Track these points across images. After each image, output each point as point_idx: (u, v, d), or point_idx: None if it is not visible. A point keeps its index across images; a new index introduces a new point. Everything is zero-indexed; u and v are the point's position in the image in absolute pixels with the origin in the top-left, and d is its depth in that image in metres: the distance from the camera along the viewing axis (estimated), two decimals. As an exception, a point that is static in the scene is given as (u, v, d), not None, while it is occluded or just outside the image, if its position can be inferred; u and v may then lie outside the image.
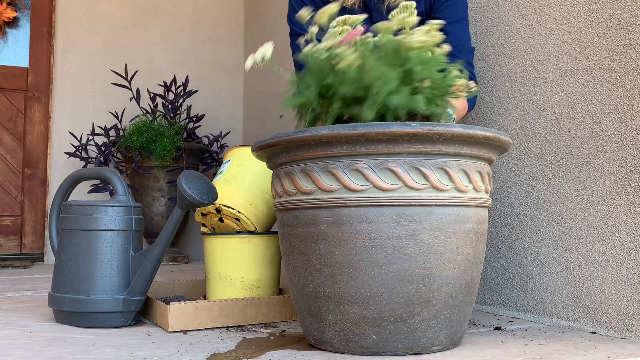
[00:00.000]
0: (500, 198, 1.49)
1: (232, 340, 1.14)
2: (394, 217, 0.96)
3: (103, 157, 2.75)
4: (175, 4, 3.32)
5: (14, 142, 2.99)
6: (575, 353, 1.04)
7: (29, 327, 1.25)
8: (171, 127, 2.76)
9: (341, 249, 0.98)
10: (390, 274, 0.96)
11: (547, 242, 1.36)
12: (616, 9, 1.23)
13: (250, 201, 1.43)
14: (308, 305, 1.05)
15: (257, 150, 1.09)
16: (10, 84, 3.00)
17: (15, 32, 3.05)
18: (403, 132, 0.93)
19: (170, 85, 2.88)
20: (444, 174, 0.98)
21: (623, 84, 1.21)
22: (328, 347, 1.03)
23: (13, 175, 2.98)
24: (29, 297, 1.68)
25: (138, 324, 1.30)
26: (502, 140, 1.03)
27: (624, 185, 1.20)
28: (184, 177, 1.23)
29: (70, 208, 1.30)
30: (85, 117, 3.09)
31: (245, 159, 1.49)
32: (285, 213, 1.07)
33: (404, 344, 0.99)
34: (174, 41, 3.30)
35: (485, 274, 1.52)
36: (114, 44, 3.18)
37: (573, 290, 1.29)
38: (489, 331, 1.24)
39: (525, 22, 1.45)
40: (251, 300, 1.31)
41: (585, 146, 1.28)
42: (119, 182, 1.32)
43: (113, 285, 1.25)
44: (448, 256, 0.99)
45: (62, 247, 1.29)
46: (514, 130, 1.46)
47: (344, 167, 0.97)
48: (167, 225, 1.27)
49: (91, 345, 1.08)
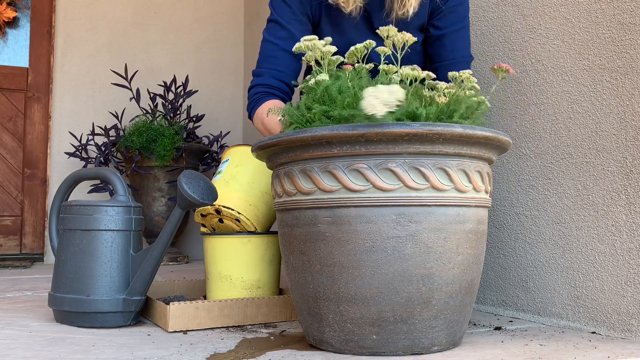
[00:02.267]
0: (500, 198, 1.49)
1: (232, 340, 1.14)
2: (394, 217, 0.96)
3: (103, 157, 2.75)
4: (175, 4, 3.32)
5: (14, 142, 2.99)
6: (575, 353, 1.04)
7: (29, 327, 1.25)
8: (171, 127, 2.76)
9: (341, 249, 0.98)
10: (390, 274, 0.96)
11: (547, 242, 1.36)
12: (616, 9, 1.23)
13: (250, 202, 1.43)
14: (308, 305, 1.05)
15: (257, 150, 1.09)
16: (10, 84, 3.00)
17: (15, 32, 3.05)
18: (403, 132, 0.93)
19: (170, 85, 2.88)
20: (444, 174, 0.98)
21: (623, 84, 1.21)
22: (328, 347, 1.03)
23: (13, 175, 2.98)
24: (29, 297, 1.68)
25: (138, 324, 1.30)
26: (502, 140, 1.03)
27: (624, 185, 1.20)
28: (184, 177, 1.23)
29: (70, 208, 1.30)
30: (85, 117, 3.09)
31: (244, 159, 1.49)
32: (285, 213, 1.07)
33: (404, 344, 0.99)
34: (174, 41, 3.30)
35: (485, 274, 1.52)
36: (114, 44, 3.18)
37: (573, 290, 1.29)
38: (489, 331, 1.24)
39: (525, 22, 1.45)
40: (251, 300, 1.31)
41: (585, 146, 1.28)
42: (119, 182, 1.32)
43: (113, 285, 1.25)
44: (448, 256, 0.99)
45: (62, 247, 1.29)
46: (514, 130, 1.46)
47: (344, 167, 0.97)
48: (167, 225, 1.27)
49: (91, 345, 1.08)
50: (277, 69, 1.37)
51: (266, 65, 1.38)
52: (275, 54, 1.37)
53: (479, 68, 1.57)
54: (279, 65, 1.37)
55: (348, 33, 1.44)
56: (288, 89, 1.39)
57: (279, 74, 1.37)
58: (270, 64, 1.37)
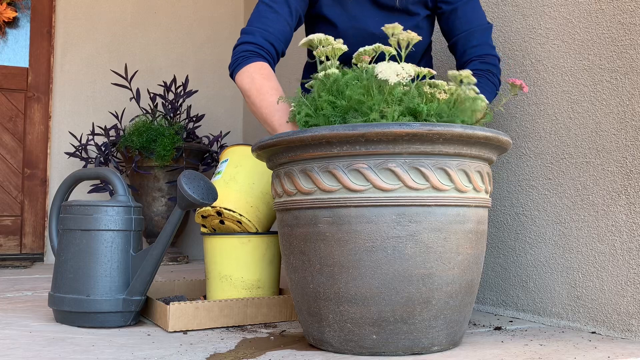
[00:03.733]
0: (500, 198, 1.49)
1: (232, 340, 1.14)
2: (394, 217, 0.96)
3: (103, 157, 2.75)
4: (175, 4, 3.32)
5: (14, 142, 2.99)
6: (575, 353, 1.04)
7: (29, 327, 1.25)
8: (171, 127, 2.76)
9: (341, 249, 0.98)
10: (390, 274, 0.96)
11: (547, 242, 1.36)
12: (616, 9, 1.23)
13: (251, 203, 1.43)
14: (308, 305, 1.05)
15: (257, 150, 1.09)
16: (10, 84, 3.00)
17: (15, 32, 3.05)
18: (403, 132, 0.93)
19: (170, 85, 2.88)
20: (444, 174, 0.98)
21: (623, 84, 1.21)
22: (328, 347, 1.03)
23: (13, 175, 2.98)
24: (29, 297, 1.68)
25: (138, 324, 1.30)
26: (502, 141, 1.03)
27: (624, 185, 1.20)
28: (184, 177, 1.23)
29: (70, 208, 1.30)
30: (85, 117, 3.09)
31: (243, 159, 1.49)
32: (285, 213, 1.07)
33: (404, 344, 0.99)
34: (174, 41, 3.30)
35: (485, 274, 1.52)
36: (114, 44, 3.18)
37: (573, 290, 1.29)
38: (489, 331, 1.24)
39: (525, 22, 1.45)
40: (251, 300, 1.31)
41: (585, 146, 1.28)
42: (119, 182, 1.32)
43: (113, 285, 1.25)
44: (448, 256, 0.99)
45: (62, 247, 1.29)
46: (514, 130, 1.46)
47: (344, 167, 0.97)
48: (167, 226, 1.27)
49: (91, 345, 1.08)
50: (269, 30, 1.34)
51: (258, 25, 1.35)
52: (268, 16, 1.35)
53: (479, 68, 1.57)
54: (270, 27, 1.34)
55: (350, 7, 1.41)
56: (275, 53, 1.36)
57: (270, 35, 1.34)
58: (263, 24, 1.35)
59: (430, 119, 0.99)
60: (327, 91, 1.04)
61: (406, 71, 0.98)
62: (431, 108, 0.99)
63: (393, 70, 0.97)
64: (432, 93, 1.02)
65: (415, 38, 1.08)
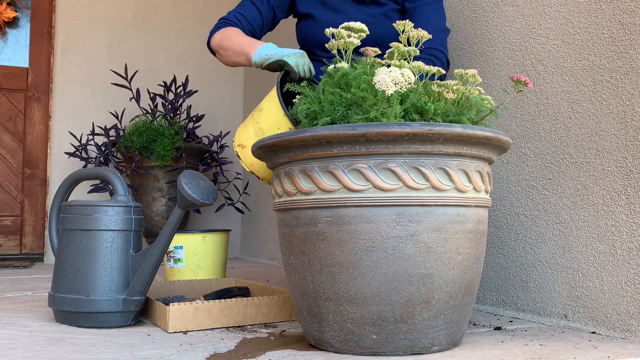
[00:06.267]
0: (500, 198, 1.49)
1: (232, 340, 1.14)
2: (394, 217, 0.96)
3: (103, 157, 2.75)
4: (175, 4, 3.32)
5: (14, 142, 2.99)
6: (575, 353, 1.04)
7: (29, 327, 1.25)
8: (171, 127, 2.76)
9: (341, 249, 0.98)
10: (390, 274, 0.96)
11: (547, 242, 1.36)
12: (616, 9, 1.23)
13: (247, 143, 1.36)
14: (308, 305, 1.05)
15: (257, 150, 1.09)
16: (10, 84, 3.00)
17: (15, 32, 3.05)
18: (403, 132, 0.93)
19: (170, 85, 2.88)
20: (444, 174, 0.98)
21: (623, 84, 1.21)
22: (328, 347, 1.03)
23: (13, 175, 2.98)
24: (29, 297, 1.68)
25: (138, 324, 1.30)
26: (502, 140, 1.03)
27: (624, 185, 1.20)
28: (184, 177, 1.23)
29: (70, 208, 1.30)
30: (85, 117, 3.09)
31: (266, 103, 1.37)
32: (285, 213, 1.07)
33: (404, 344, 0.99)
34: (174, 41, 3.30)
35: (485, 274, 1.52)
36: (114, 44, 3.17)
37: (573, 290, 1.29)
38: (489, 331, 1.24)
39: (525, 22, 1.45)
40: (251, 300, 1.31)
41: (585, 146, 1.28)
42: (119, 182, 1.32)
43: (113, 285, 1.25)
44: (448, 256, 0.99)
45: (62, 247, 1.29)
46: (514, 130, 1.46)
47: (344, 167, 0.97)
48: (167, 226, 1.27)
49: (91, 345, 1.08)
50: (243, 14, 1.57)
51: (235, 10, 1.59)
52: (246, 4, 1.59)
53: (479, 68, 1.57)
54: (245, 13, 1.58)
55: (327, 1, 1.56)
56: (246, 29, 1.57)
57: (243, 18, 1.57)
58: (239, 9, 1.58)
59: (435, 118, 0.99)
60: (334, 84, 1.06)
61: (405, 78, 0.98)
62: (438, 107, 0.99)
63: (391, 79, 0.97)
64: (440, 92, 1.02)
65: (425, 36, 1.09)
